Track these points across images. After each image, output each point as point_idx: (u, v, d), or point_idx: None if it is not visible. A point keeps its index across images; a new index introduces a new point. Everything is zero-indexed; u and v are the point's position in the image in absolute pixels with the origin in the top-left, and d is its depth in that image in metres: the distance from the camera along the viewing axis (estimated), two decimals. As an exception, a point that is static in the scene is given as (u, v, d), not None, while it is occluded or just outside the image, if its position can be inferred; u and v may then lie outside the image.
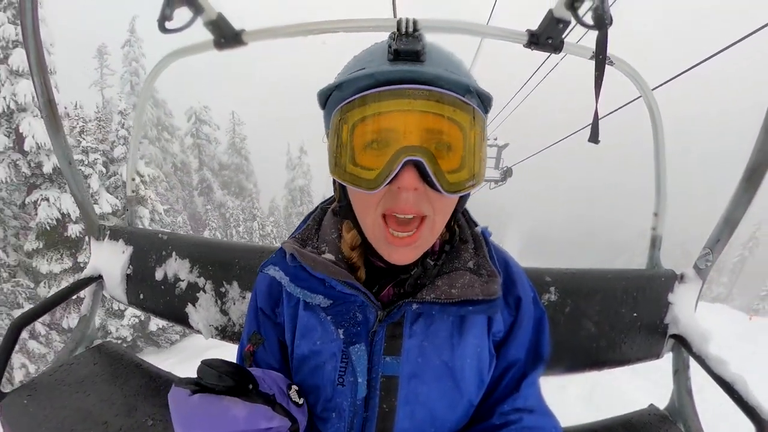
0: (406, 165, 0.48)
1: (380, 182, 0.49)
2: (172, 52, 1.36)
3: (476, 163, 0.52)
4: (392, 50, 0.49)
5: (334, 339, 0.58)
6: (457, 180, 0.51)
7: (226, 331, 1.29)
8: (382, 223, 0.52)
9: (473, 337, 0.60)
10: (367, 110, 0.49)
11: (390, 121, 0.48)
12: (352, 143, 0.50)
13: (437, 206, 0.52)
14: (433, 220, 0.53)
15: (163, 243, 1.42)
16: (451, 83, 0.49)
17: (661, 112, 1.22)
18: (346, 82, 0.51)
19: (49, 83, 1.30)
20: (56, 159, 1.43)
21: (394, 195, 0.50)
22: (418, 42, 0.49)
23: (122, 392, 1.22)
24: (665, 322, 1.23)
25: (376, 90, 0.48)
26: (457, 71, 0.52)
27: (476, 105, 0.51)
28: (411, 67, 0.48)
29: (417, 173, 0.49)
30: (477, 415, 0.63)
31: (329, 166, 0.53)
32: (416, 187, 0.49)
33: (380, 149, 0.49)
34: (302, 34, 1.13)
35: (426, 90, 0.47)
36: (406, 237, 0.52)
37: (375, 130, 0.49)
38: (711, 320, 5.75)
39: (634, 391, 4.13)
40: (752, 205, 1.11)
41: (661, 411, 1.27)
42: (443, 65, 0.51)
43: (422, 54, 0.49)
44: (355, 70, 0.52)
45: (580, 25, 0.90)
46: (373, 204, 0.52)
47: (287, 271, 0.59)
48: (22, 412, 1.13)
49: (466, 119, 0.49)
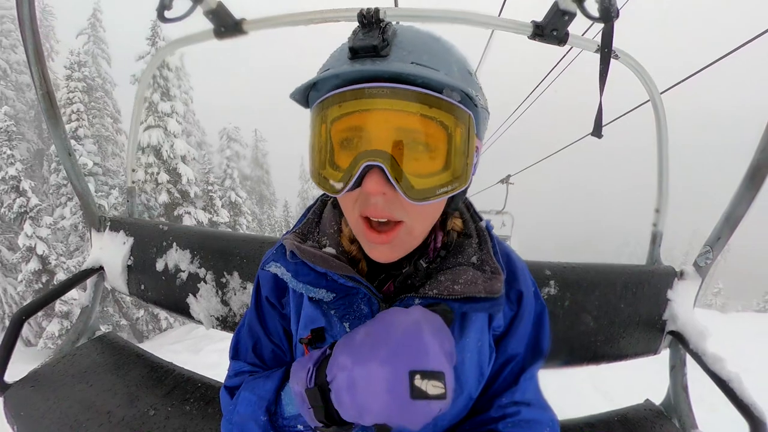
0: (371, 169, 0.45)
1: (342, 187, 0.48)
2: (172, 41, 1.34)
3: (455, 165, 0.47)
4: (349, 47, 0.45)
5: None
6: (430, 185, 0.47)
7: (227, 321, 1.30)
8: (362, 222, 0.51)
9: (474, 331, 0.59)
10: (334, 111, 0.46)
11: (353, 122, 0.46)
12: (320, 145, 0.49)
13: (411, 211, 0.49)
14: (411, 225, 0.51)
15: (163, 234, 1.42)
16: (420, 78, 0.44)
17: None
18: (320, 82, 0.49)
19: (47, 75, 1.29)
20: (56, 149, 1.42)
21: (365, 198, 0.48)
22: (376, 35, 0.44)
23: (124, 382, 1.23)
24: (663, 319, 1.23)
25: (338, 91, 0.45)
26: (433, 63, 0.46)
27: (459, 100, 0.46)
28: (370, 65, 0.43)
29: (383, 177, 0.45)
30: (475, 407, 0.63)
31: (309, 166, 0.53)
32: (384, 192, 0.46)
33: (348, 152, 0.47)
34: (303, 23, 1.12)
35: (387, 88, 0.43)
36: (383, 234, 0.50)
37: (342, 130, 0.47)
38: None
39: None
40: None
41: (657, 406, 1.28)
42: (414, 58, 0.45)
43: (381, 48, 0.44)
44: (324, 69, 0.49)
45: (585, 17, 0.88)
46: (350, 204, 0.51)
47: (288, 267, 0.58)
48: (25, 403, 1.14)
49: (442, 116, 0.45)
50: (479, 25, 1.09)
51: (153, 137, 11.10)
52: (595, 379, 3.65)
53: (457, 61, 0.50)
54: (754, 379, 1.22)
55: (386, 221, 0.50)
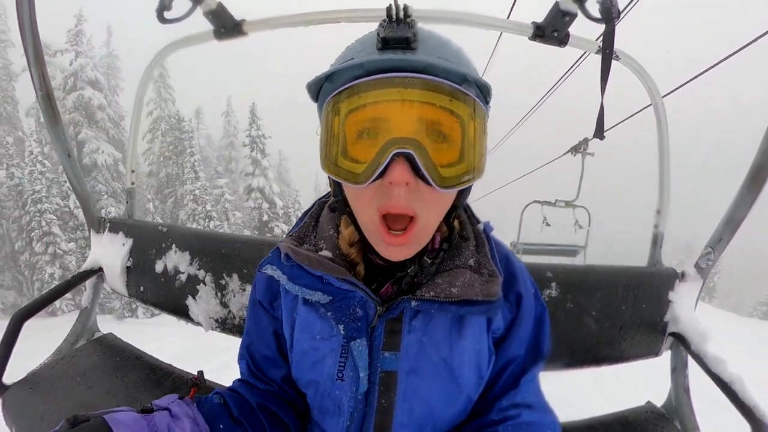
0: (397, 158, 0.46)
1: (369, 176, 0.47)
2: (172, 42, 1.34)
3: (475, 157, 0.49)
4: (380, 38, 0.47)
5: (334, 334, 0.58)
6: (453, 174, 0.48)
7: (226, 323, 1.30)
8: (379, 221, 0.51)
9: (472, 334, 0.59)
10: (356, 101, 0.47)
11: (379, 111, 0.46)
12: (341, 135, 0.49)
13: (430, 202, 0.50)
14: (426, 220, 0.51)
15: (163, 235, 1.42)
16: (445, 72, 0.46)
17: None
18: (337, 73, 0.49)
19: (47, 76, 1.29)
20: (55, 151, 1.42)
21: (386, 191, 0.48)
22: (408, 29, 0.46)
23: (123, 384, 1.23)
24: (665, 320, 1.23)
25: (364, 79, 0.46)
26: (454, 59, 0.49)
27: (475, 95, 0.49)
28: (401, 55, 0.46)
29: (408, 167, 0.46)
30: (476, 410, 0.63)
31: (320, 159, 0.52)
32: (408, 182, 0.47)
33: (370, 141, 0.47)
34: (303, 24, 1.12)
35: (418, 78, 0.45)
36: (401, 236, 0.50)
37: (364, 120, 0.47)
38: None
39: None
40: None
41: (658, 408, 1.28)
42: (438, 53, 0.48)
43: (413, 41, 0.46)
44: (345, 60, 0.50)
45: (586, 18, 0.88)
46: (366, 200, 0.51)
47: (284, 269, 0.58)
48: (23, 404, 1.13)
49: (462, 109, 0.47)
50: (481, 27, 1.09)
51: (258, 182, 17.28)
52: (597, 380, 3.65)
53: (468, 58, 0.52)
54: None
55: (402, 220, 0.50)
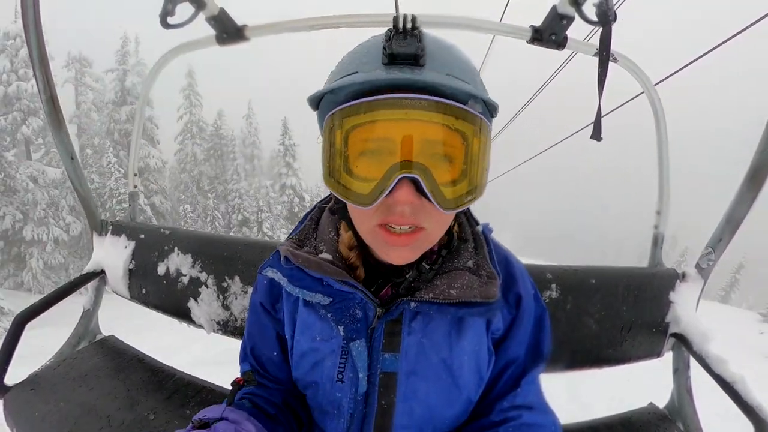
0: (402, 180, 0.46)
1: (373, 199, 0.47)
2: (175, 47, 1.36)
3: (478, 175, 0.49)
4: (387, 53, 0.45)
5: (334, 335, 0.59)
6: (456, 194, 0.49)
7: (227, 325, 1.30)
8: (378, 230, 0.51)
9: (472, 335, 0.59)
10: (360, 119, 0.46)
11: (384, 131, 0.45)
12: (344, 152, 0.48)
13: (435, 217, 0.50)
14: (431, 232, 0.52)
15: (165, 238, 1.42)
16: (452, 90, 0.45)
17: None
18: (340, 87, 0.48)
19: (51, 79, 1.30)
20: (58, 154, 1.43)
21: (389, 207, 0.48)
22: (416, 43, 0.45)
23: (125, 386, 1.23)
24: (666, 321, 1.23)
25: (369, 99, 0.45)
26: (461, 74, 0.48)
27: (480, 112, 0.48)
28: (408, 74, 0.44)
29: (413, 188, 0.46)
30: (476, 411, 0.63)
31: (322, 173, 0.51)
32: (412, 201, 0.47)
33: (374, 161, 0.47)
34: (305, 29, 1.13)
35: (424, 100, 0.44)
36: (403, 237, 0.50)
37: (368, 139, 0.47)
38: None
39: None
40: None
41: (661, 410, 1.27)
42: (446, 68, 0.47)
43: (421, 57, 0.45)
44: (348, 72, 0.48)
45: (583, 21, 0.89)
46: (368, 216, 0.51)
47: (284, 272, 0.59)
48: (25, 406, 1.14)
49: (467, 129, 0.47)
50: (479, 31, 1.10)
51: (291, 180, 20.36)
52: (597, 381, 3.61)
53: (474, 69, 0.51)
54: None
55: (408, 227, 0.50)
